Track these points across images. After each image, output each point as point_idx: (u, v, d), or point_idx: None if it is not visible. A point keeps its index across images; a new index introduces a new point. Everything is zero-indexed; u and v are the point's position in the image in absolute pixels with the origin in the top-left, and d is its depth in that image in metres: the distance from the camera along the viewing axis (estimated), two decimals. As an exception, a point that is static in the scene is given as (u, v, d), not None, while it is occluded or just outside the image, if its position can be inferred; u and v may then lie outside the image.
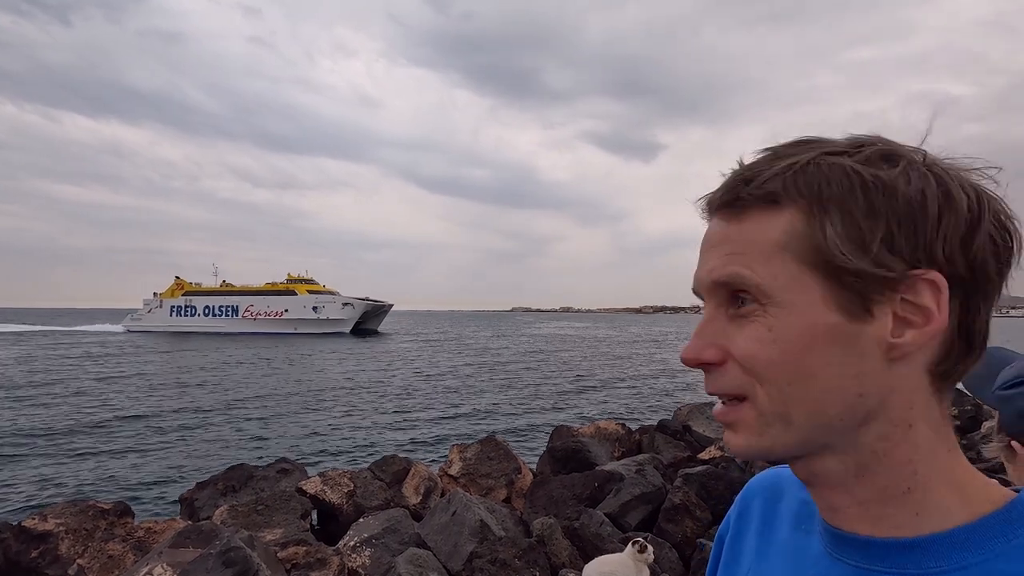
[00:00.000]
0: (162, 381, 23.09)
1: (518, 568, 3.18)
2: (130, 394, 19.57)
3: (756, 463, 5.64)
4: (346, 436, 13.59)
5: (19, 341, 47.61)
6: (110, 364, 29.70)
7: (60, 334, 59.91)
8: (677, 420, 9.22)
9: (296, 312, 62.84)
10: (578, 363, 33.95)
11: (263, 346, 43.07)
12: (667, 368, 31.65)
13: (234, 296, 66.05)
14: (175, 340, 51.08)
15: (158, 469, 10.21)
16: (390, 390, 21.64)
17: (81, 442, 12.49)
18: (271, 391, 20.56)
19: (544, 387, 23.25)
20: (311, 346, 43.82)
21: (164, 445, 12.35)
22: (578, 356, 39.31)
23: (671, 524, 4.50)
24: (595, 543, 3.86)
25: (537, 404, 18.96)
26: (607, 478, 5.27)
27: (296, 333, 60.76)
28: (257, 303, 64.45)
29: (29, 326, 75.05)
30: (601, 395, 21.27)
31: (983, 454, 1.04)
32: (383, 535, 4.67)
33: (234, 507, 5.06)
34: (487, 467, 6.69)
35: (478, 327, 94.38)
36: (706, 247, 0.45)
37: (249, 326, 63.59)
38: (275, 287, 65.32)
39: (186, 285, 68.63)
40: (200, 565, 2.65)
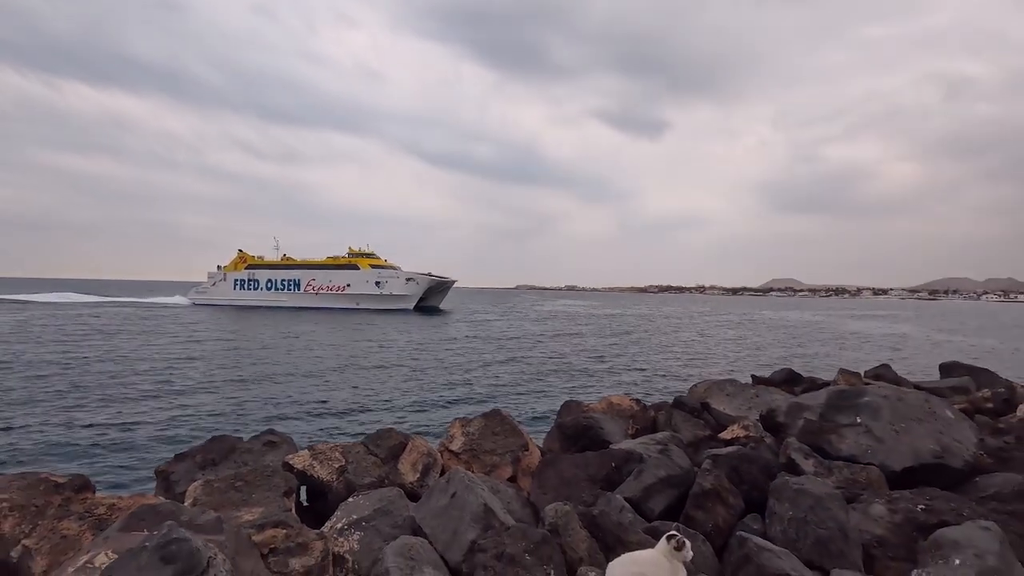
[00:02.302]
0: (189, 354, 22.77)
1: (528, 565, 2.63)
2: (148, 368, 19.25)
3: (790, 446, 5.08)
4: (344, 410, 13.16)
5: (98, 310, 48.34)
6: (155, 336, 29.53)
7: (129, 305, 60.37)
8: (694, 397, 8.66)
9: (358, 287, 62.04)
10: (585, 340, 33.45)
11: (310, 322, 42.43)
12: (676, 346, 31.12)
13: (296, 270, 65.37)
14: (236, 314, 50.93)
15: (142, 441, 9.79)
16: (392, 366, 21.22)
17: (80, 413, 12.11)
18: (287, 367, 20.17)
19: (551, 363, 22.78)
20: (359, 322, 43.24)
21: (156, 417, 11.95)
22: (585, 333, 38.82)
23: (700, 512, 3.95)
24: (617, 534, 3.31)
25: (544, 379, 18.50)
26: (625, 458, 4.72)
27: (358, 308, 60.08)
28: (319, 277, 63.74)
29: (101, 297, 75.68)
30: (610, 371, 20.77)
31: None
32: (374, 517, 4.15)
33: (209, 482, 4.54)
34: (491, 443, 6.17)
35: (484, 304, 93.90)
36: None
37: (311, 300, 63.11)
38: (337, 261, 64.46)
39: (249, 258, 68.04)
40: (130, 561, 2.11)
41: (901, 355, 28.35)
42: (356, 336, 31.88)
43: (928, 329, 52.09)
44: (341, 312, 56.09)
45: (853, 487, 4.33)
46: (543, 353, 26.09)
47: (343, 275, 62.41)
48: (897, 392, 5.49)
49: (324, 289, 62.65)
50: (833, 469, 4.59)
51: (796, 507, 3.65)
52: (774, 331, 44.73)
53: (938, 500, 3.80)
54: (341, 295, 61.99)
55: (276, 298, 63.89)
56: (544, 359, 23.81)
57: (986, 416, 7.18)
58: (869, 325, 56.67)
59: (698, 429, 7.14)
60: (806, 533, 3.51)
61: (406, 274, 61.29)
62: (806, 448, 4.91)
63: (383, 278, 61.00)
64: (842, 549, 3.41)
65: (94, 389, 14.69)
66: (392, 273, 61.45)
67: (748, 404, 7.77)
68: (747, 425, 6.30)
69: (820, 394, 5.86)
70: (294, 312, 54.70)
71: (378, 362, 21.47)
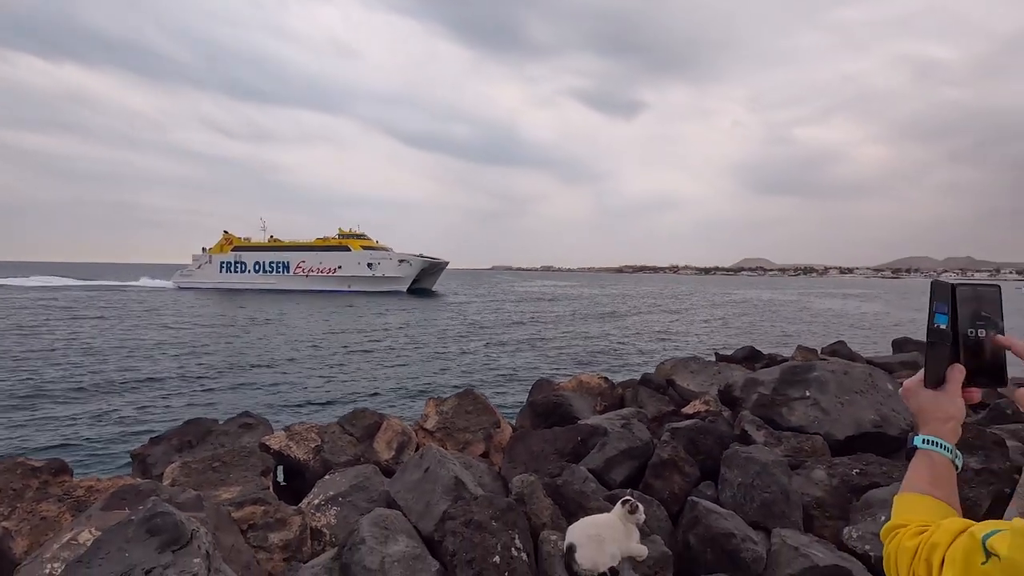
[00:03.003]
0: (162, 339, 22.33)
1: (495, 531, 2.85)
2: (121, 353, 18.88)
3: (744, 418, 5.42)
4: (319, 392, 13.23)
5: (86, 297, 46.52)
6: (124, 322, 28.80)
7: (108, 289, 58.11)
8: (660, 374, 9.01)
9: (350, 269, 60.52)
10: (559, 321, 33.90)
11: (298, 305, 41.68)
12: (648, 325, 31.80)
13: (285, 252, 63.43)
14: (223, 297, 49.40)
15: (115, 426, 9.75)
16: (370, 349, 21.26)
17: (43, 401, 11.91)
18: (265, 351, 19.99)
19: (525, 344, 23.11)
20: (346, 304, 42.65)
21: (132, 402, 11.85)
22: (560, 313, 39.29)
23: (658, 480, 4.23)
24: (579, 501, 3.56)
25: (518, 360, 18.80)
26: (591, 432, 4.98)
27: (350, 291, 58.76)
28: (309, 259, 61.93)
29: (80, 280, 72.47)
30: (582, 350, 21.20)
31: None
32: (350, 493, 4.34)
33: (187, 464, 4.65)
34: (464, 421, 6.38)
35: (461, 285, 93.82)
36: None
37: (301, 283, 61.43)
38: (327, 242, 62.68)
39: (235, 240, 65.59)
40: (118, 533, 2.24)
41: (861, 331, 29.55)
42: (340, 319, 31.68)
43: (888, 307, 54.15)
44: (332, 295, 54.98)
45: (799, 455, 4.67)
46: (518, 334, 26.42)
47: (334, 257, 61.04)
48: (844, 367, 5.87)
49: (314, 271, 61.24)
50: (782, 439, 4.93)
51: (744, 473, 3.96)
52: (743, 310, 45.95)
53: (872, 465, 4.16)
54: (332, 277, 60.70)
55: (264, 280, 62.28)
56: (519, 340, 24.14)
57: (928, 388, 7.69)
58: (834, 304, 58.60)
59: (662, 405, 7.49)
60: (752, 497, 3.82)
61: (399, 255, 60.11)
62: (759, 420, 5.24)
63: (375, 260, 59.74)
64: (784, 510, 3.73)
65: (70, 374, 14.43)
66: (384, 255, 60.24)
67: (710, 380, 8.14)
68: (708, 400, 6.64)
69: (775, 370, 6.21)
70: (283, 295, 53.51)
71: (356, 345, 21.47)
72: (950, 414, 0.90)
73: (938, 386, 0.93)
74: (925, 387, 0.94)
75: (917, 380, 0.96)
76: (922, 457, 0.89)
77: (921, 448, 0.90)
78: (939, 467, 0.87)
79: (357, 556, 2.87)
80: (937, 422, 0.90)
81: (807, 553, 3.16)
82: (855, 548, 3.33)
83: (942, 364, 0.93)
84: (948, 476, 0.87)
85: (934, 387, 0.93)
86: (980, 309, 0.91)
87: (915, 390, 0.96)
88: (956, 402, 0.91)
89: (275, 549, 3.77)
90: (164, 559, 2.16)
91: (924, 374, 0.95)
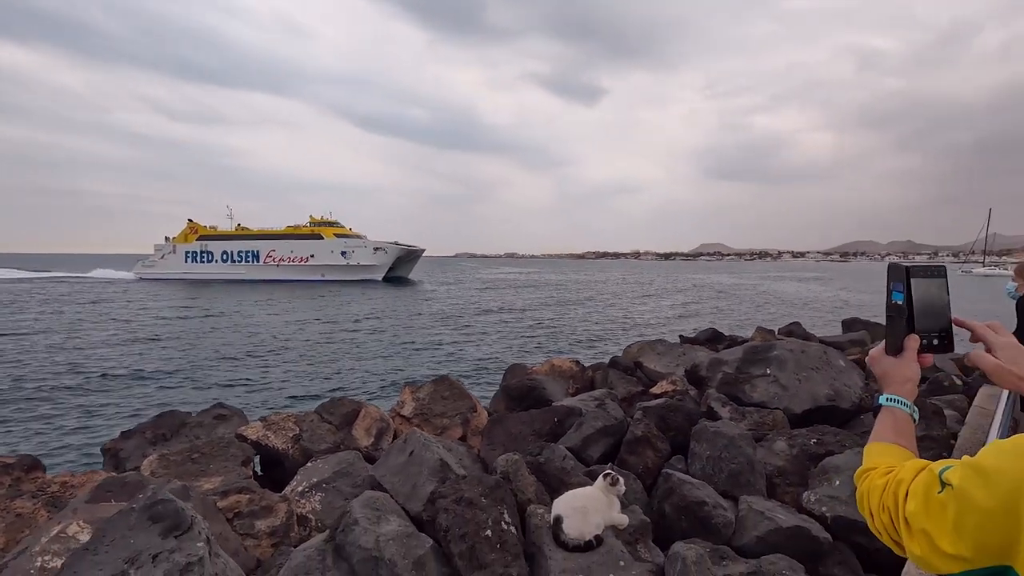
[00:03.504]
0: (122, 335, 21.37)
1: (485, 507, 2.98)
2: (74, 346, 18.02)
3: (710, 396, 5.73)
4: (291, 383, 13.07)
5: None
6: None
7: (64, 280, 54.57)
8: (627, 357, 9.32)
9: (323, 257, 58.55)
10: (527, 307, 34.20)
11: (269, 295, 40.26)
12: (613, 311, 32.43)
13: (254, 240, 60.74)
14: (189, 289, 47.00)
15: (77, 421, 9.42)
16: (334, 336, 21.01)
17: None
18: (235, 342, 19.44)
19: (494, 330, 23.27)
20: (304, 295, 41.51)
21: (93, 397, 11.44)
22: (527, 300, 39.60)
23: (633, 456, 4.46)
24: (560, 477, 3.73)
25: (489, 346, 18.95)
26: (567, 413, 5.17)
27: (324, 280, 56.88)
28: (280, 248, 59.57)
29: (30, 272, 67.56)
30: (550, 336, 21.52)
31: None
32: (334, 479, 4.40)
33: (165, 456, 4.61)
34: (441, 406, 6.49)
35: (426, 273, 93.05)
36: None
37: (272, 272, 59.09)
38: (299, 230, 60.33)
39: (201, 228, 62.36)
40: (121, 521, 2.26)
41: (813, 312, 30.95)
42: (313, 309, 31.04)
43: (838, 289, 56.74)
44: (305, 284, 53.43)
45: (761, 428, 4.99)
46: (487, 321, 26.55)
47: (306, 245, 59.16)
48: (801, 346, 6.24)
49: (286, 260, 59.30)
50: (746, 414, 5.24)
51: (713, 447, 4.22)
52: (704, 295, 47.34)
53: (827, 435, 4.48)
54: (304, 266, 58.94)
55: (233, 271, 59.92)
56: (488, 327, 24.28)
57: (875, 364, 8.23)
58: (787, 286, 60.99)
59: (632, 386, 7.77)
60: (721, 468, 4.08)
61: (373, 243, 58.64)
62: (724, 397, 5.55)
63: (349, 248, 58.18)
64: (749, 479, 4.01)
65: (33, 370, 13.75)
66: (359, 242, 58.66)
67: (676, 362, 8.49)
68: (674, 380, 6.94)
69: (737, 350, 6.55)
70: (253, 285, 51.62)
71: (328, 335, 21.17)
72: (908, 376, 1.08)
73: (897, 353, 1.10)
74: (887, 355, 1.11)
75: (880, 349, 1.13)
76: (886, 412, 1.07)
77: (885, 405, 1.07)
78: (901, 421, 1.04)
79: (351, 537, 2.96)
80: (897, 384, 1.08)
81: (772, 517, 3.43)
82: (813, 510, 3.62)
83: (900, 335, 1.10)
84: (908, 428, 1.04)
85: (894, 354, 1.10)
86: (930, 287, 1.09)
87: (879, 357, 1.13)
88: (912, 366, 1.08)
89: (262, 536, 3.82)
90: (168, 544, 2.20)
91: (885, 344, 1.12)
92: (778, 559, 2.98)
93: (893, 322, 1.11)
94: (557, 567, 2.67)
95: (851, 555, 3.34)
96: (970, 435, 4.29)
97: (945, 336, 1.10)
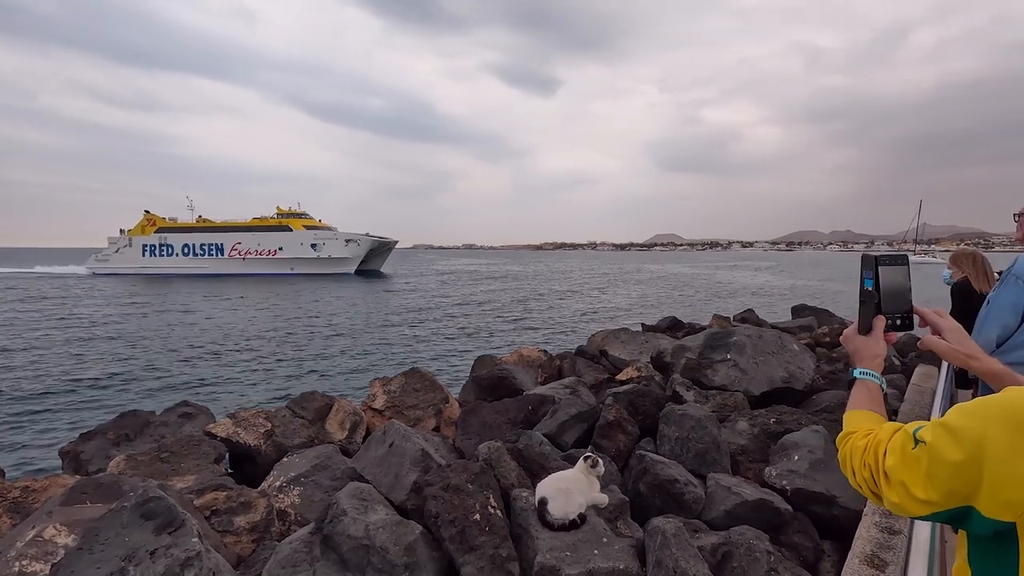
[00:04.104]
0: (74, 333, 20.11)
1: (472, 492, 3.08)
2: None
3: (675, 381, 5.99)
4: (254, 380, 12.75)
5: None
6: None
7: (13, 277, 50.29)
8: (593, 346, 9.58)
9: (292, 250, 56.14)
10: (489, 299, 34.28)
11: (235, 291, 38.39)
12: (575, 301, 32.92)
13: (218, 233, 57.60)
14: (147, 284, 44.24)
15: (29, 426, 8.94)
16: (297, 332, 20.54)
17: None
18: (193, 340, 18.65)
19: (458, 322, 23.26)
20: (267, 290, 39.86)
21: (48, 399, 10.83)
22: (488, 291, 39.67)
23: (605, 440, 4.64)
24: (540, 462, 3.86)
25: (454, 338, 18.95)
26: (540, 401, 5.31)
27: (294, 274, 54.53)
28: (246, 240, 56.71)
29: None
30: (516, 326, 21.70)
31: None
32: (312, 472, 4.39)
33: (132, 456, 4.49)
34: (413, 398, 6.52)
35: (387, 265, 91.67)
36: None
37: (237, 266, 56.20)
38: (266, 222, 57.58)
39: (159, 220, 58.72)
40: (113, 520, 2.24)
41: (763, 300, 32.33)
42: (277, 304, 30.07)
43: (785, 277, 59.35)
44: (274, 278, 51.37)
45: (724, 410, 5.27)
46: (452, 313, 26.50)
47: (274, 238, 56.80)
48: (758, 332, 6.58)
49: (252, 254, 56.79)
50: (709, 397, 5.52)
51: (680, 428, 4.44)
52: (662, 284, 48.60)
53: (785, 414, 4.79)
54: (272, 260, 56.58)
55: (196, 264, 57.04)
56: (453, 319, 24.25)
57: (823, 348, 8.77)
58: (740, 275, 63.31)
59: (598, 373, 8.00)
60: (688, 448, 4.31)
61: (345, 235, 56.86)
62: (688, 382, 5.81)
63: (319, 240, 56.25)
64: (715, 458, 4.25)
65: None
66: (329, 234, 56.82)
67: (640, 349, 8.78)
68: (639, 367, 7.20)
69: (699, 337, 6.85)
70: (217, 280, 49.18)
71: (290, 331, 20.64)
72: (876, 353, 1.24)
73: (868, 333, 1.26)
74: (859, 334, 1.27)
75: (853, 329, 1.30)
76: (860, 384, 1.22)
77: (859, 378, 1.23)
78: (873, 390, 1.20)
79: (340, 527, 3.00)
80: (868, 359, 1.24)
81: (737, 492, 3.67)
82: (774, 484, 3.89)
83: (869, 316, 1.26)
84: (879, 397, 1.20)
85: (865, 334, 1.26)
86: (893, 274, 1.25)
87: (851, 336, 1.29)
88: (881, 344, 1.25)
89: (242, 532, 3.79)
90: (163, 540, 2.19)
91: (858, 324, 1.28)
92: (745, 530, 3.21)
93: (864, 305, 1.27)
94: (545, 545, 2.80)
95: (809, 523, 3.61)
96: (910, 410, 4.67)
97: (907, 317, 1.27)
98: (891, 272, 1.25)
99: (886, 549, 2.12)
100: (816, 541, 3.52)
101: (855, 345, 1.28)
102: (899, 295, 1.26)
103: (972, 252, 4.31)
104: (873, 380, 1.22)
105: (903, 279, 1.26)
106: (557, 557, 2.75)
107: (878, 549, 2.12)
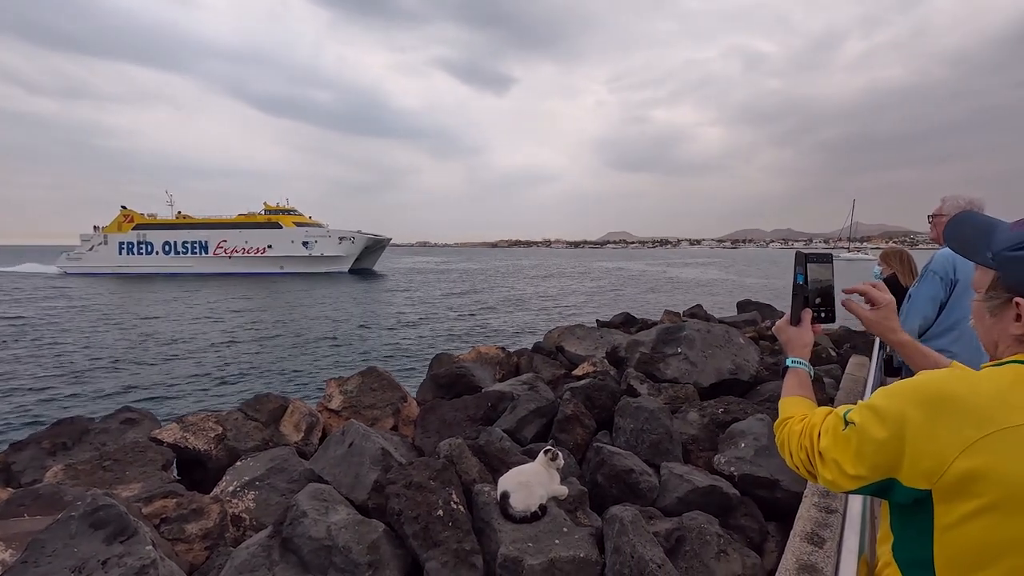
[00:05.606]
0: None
1: (434, 489, 3.10)
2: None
3: (630, 375, 6.17)
4: (202, 385, 12.23)
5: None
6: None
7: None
8: (549, 342, 9.72)
9: (282, 248, 53.35)
10: (445, 296, 34.08)
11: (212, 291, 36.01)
12: (531, 298, 33.16)
13: (202, 230, 54.17)
14: (123, 284, 40.82)
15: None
16: (239, 334, 19.82)
17: None
18: (130, 342, 17.59)
19: (413, 320, 23.03)
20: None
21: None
22: (445, 290, 39.41)
23: (564, 433, 4.74)
24: (500, 457, 3.92)
25: (410, 337, 18.76)
26: (500, 397, 5.37)
27: (284, 273, 51.73)
28: (232, 238, 53.55)
29: None
30: (472, 324, 21.68)
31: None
32: (268, 476, 4.30)
33: (71, 466, 4.26)
34: (371, 398, 6.45)
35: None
36: None
37: (223, 265, 52.97)
38: (253, 218, 54.39)
39: (137, 217, 54.60)
40: (60, 531, 2.13)
41: (711, 296, 33.56)
42: (242, 307, 28.75)
43: (730, 273, 61.74)
44: (262, 278, 48.68)
45: (676, 402, 5.48)
46: (407, 312, 26.19)
47: (263, 235, 53.98)
48: (707, 326, 6.86)
49: (239, 252, 53.83)
50: (662, 389, 5.72)
51: (635, 420, 4.60)
52: (615, 281, 49.62)
53: (732, 404, 5.03)
54: (261, 258, 53.80)
55: (179, 263, 53.79)
56: (408, 317, 23.98)
57: (766, 341, 9.22)
58: (689, 272, 65.39)
59: (555, 368, 8.14)
60: (643, 439, 4.47)
61: (338, 232, 54.57)
62: (641, 375, 6.01)
63: (311, 237, 53.77)
64: (668, 448, 4.42)
65: None
66: (321, 232, 54.28)
67: (595, 344, 8.98)
68: (595, 362, 7.37)
69: (651, 331, 7.08)
70: (201, 279, 46.25)
71: (231, 335, 19.86)
72: (805, 342, 1.37)
73: (798, 324, 1.37)
74: (790, 325, 1.39)
75: (785, 320, 1.41)
76: (792, 372, 1.34)
77: (791, 366, 1.35)
78: (803, 377, 1.33)
79: (300, 529, 2.96)
80: (798, 348, 1.36)
81: (689, 479, 3.84)
82: (723, 471, 4.09)
83: (799, 309, 1.38)
84: (808, 383, 1.32)
85: (795, 325, 1.38)
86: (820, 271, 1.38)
87: (784, 327, 1.42)
88: (809, 334, 1.37)
89: (194, 539, 3.67)
90: (115, 549, 2.10)
91: (790, 316, 1.40)
92: (697, 515, 3.37)
93: (796, 299, 1.39)
94: (508, 538, 2.86)
95: (755, 506, 3.82)
96: (844, 398, 5.00)
97: (830, 310, 1.40)
98: (818, 269, 1.38)
99: (824, 527, 2.30)
100: (761, 523, 3.73)
101: (787, 335, 1.40)
102: (824, 289, 1.39)
103: (899, 250, 4.67)
104: (803, 368, 1.34)
105: (827, 274, 1.38)
106: (520, 549, 2.81)
107: (816, 527, 2.29)
